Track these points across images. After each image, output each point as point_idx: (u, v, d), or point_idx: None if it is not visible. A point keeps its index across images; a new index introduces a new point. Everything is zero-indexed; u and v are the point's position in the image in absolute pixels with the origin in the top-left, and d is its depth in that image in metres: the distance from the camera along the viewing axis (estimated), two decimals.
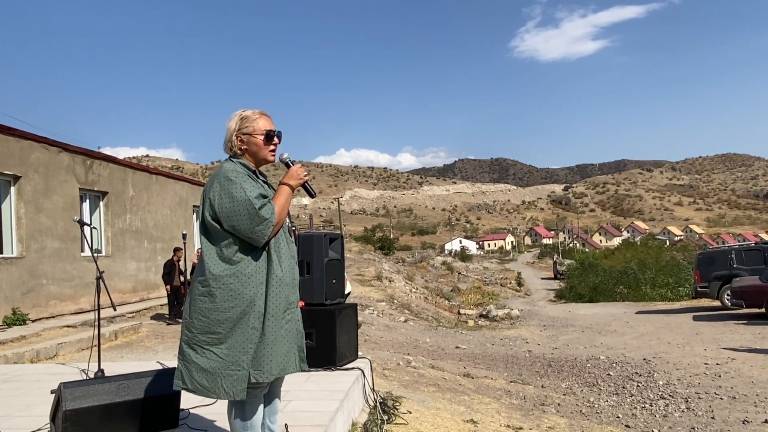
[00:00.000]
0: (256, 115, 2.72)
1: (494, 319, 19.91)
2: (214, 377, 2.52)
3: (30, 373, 5.94)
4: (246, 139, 2.69)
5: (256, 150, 2.70)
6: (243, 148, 2.70)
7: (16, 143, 10.66)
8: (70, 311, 11.47)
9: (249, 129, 2.69)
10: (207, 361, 2.53)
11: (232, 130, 2.70)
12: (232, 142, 2.70)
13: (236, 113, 2.74)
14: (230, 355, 2.52)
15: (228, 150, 2.73)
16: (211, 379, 2.52)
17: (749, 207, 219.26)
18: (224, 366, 2.52)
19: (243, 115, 2.71)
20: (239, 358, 2.52)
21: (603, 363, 10.11)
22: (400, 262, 40.96)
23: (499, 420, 5.66)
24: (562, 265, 51.55)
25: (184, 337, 2.63)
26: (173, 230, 16.10)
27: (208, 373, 2.53)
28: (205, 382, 2.53)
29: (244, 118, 2.70)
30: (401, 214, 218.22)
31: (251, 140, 2.69)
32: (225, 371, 2.52)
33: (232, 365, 2.52)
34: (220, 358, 2.53)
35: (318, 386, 4.49)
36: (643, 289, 26.86)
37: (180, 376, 2.62)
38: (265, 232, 2.53)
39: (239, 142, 2.70)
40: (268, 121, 2.74)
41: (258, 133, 2.69)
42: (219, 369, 2.52)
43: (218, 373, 2.52)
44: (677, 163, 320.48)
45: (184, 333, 2.65)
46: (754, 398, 7.23)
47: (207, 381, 2.53)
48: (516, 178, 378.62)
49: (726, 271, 16.66)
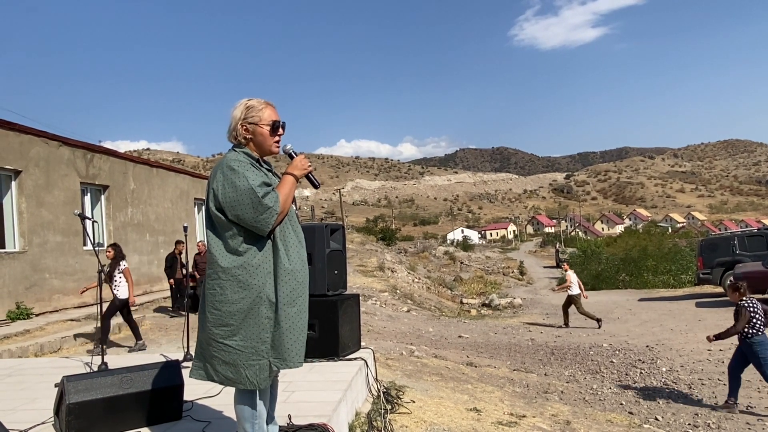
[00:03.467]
0: (262, 104, 2.69)
1: (497, 308, 19.93)
2: (237, 368, 2.55)
3: (34, 366, 5.95)
4: (251, 128, 2.66)
5: (261, 140, 2.68)
6: (248, 137, 2.67)
7: (16, 138, 10.64)
8: (73, 305, 11.49)
9: (255, 119, 2.66)
10: (227, 354, 2.56)
11: (237, 118, 2.67)
12: (237, 130, 2.66)
13: (241, 102, 2.70)
14: (247, 346, 2.54)
15: (232, 139, 2.70)
16: (235, 371, 2.55)
17: (752, 193, 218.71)
18: (245, 357, 2.54)
19: (249, 105, 2.68)
20: (258, 348, 2.54)
21: (606, 350, 10.12)
22: (402, 252, 40.95)
23: (502, 408, 5.66)
24: (565, 253, 51.51)
25: (202, 333, 2.66)
26: (175, 223, 16.10)
27: (230, 365, 2.56)
28: (230, 374, 2.56)
29: (250, 108, 2.67)
30: (403, 205, 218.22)
31: (257, 130, 2.66)
32: (246, 362, 2.54)
33: (253, 355, 2.54)
34: (237, 350, 2.54)
35: (321, 376, 4.49)
36: (646, 276, 26.86)
37: (203, 368, 2.65)
38: (269, 221, 2.52)
39: (244, 131, 2.66)
40: (274, 111, 2.71)
41: (264, 123, 2.66)
42: (240, 360, 2.54)
43: (240, 364, 2.54)
44: (679, 150, 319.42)
45: (200, 328, 2.67)
46: (758, 384, 7.22)
47: (231, 373, 2.56)
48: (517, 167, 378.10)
49: (729, 258, 16.62)
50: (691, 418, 6.20)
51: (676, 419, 6.24)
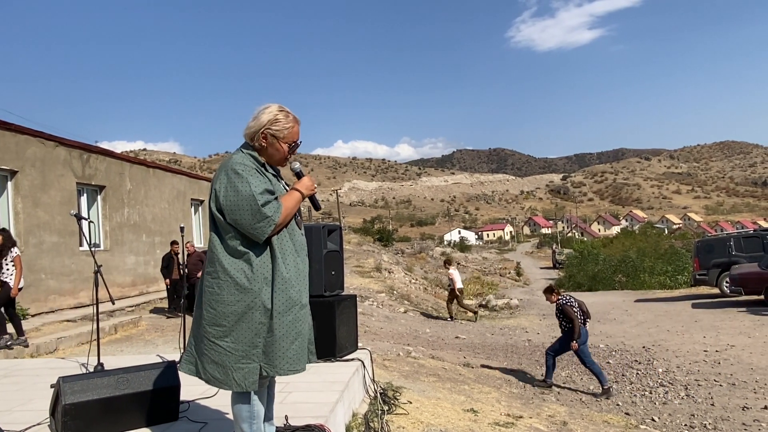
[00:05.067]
0: (291, 121, 2.63)
1: (494, 309, 19.93)
2: (225, 370, 2.54)
3: (30, 367, 5.94)
4: (271, 141, 2.62)
5: (274, 153, 2.65)
6: (264, 145, 2.63)
7: (12, 138, 10.60)
8: (69, 306, 11.45)
9: (279, 133, 2.61)
10: (216, 354, 2.55)
11: (263, 124, 2.60)
12: (257, 135, 2.61)
13: (273, 108, 2.63)
14: (238, 349, 2.53)
15: (248, 138, 2.65)
16: (223, 372, 2.54)
17: (747, 194, 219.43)
18: (234, 360, 2.53)
19: (278, 117, 2.61)
20: (249, 352, 2.53)
21: (602, 351, 10.13)
22: (399, 253, 40.91)
23: (499, 409, 5.67)
24: (561, 254, 51.58)
25: (196, 329, 2.65)
26: (171, 224, 16.07)
27: (219, 365, 2.55)
28: (218, 374, 2.55)
29: (278, 120, 2.61)
30: (400, 206, 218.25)
31: (275, 144, 2.63)
32: (235, 364, 2.53)
33: (243, 359, 2.53)
34: (227, 351, 2.53)
35: (318, 377, 4.49)
36: (642, 277, 26.90)
37: (194, 363, 2.64)
38: (265, 230, 2.51)
39: (262, 139, 2.62)
40: (299, 130, 2.68)
41: (285, 141, 2.63)
42: (229, 362, 2.53)
43: (229, 366, 2.53)
44: (675, 152, 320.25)
45: (195, 324, 2.67)
46: (754, 385, 7.25)
47: (219, 373, 2.55)
48: (514, 168, 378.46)
49: (725, 259, 16.67)
50: (687, 419, 6.22)
51: (672, 420, 6.26)
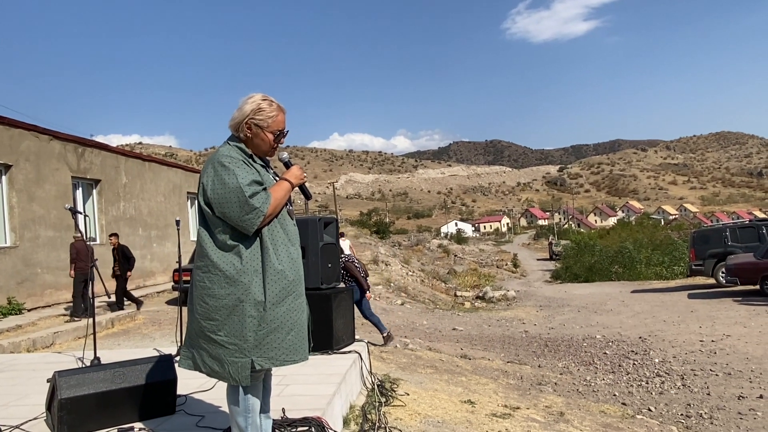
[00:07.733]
0: (275, 110, 2.62)
1: (491, 301, 19.98)
2: (221, 363, 2.55)
3: (26, 362, 5.92)
4: (256, 131, 2.60)
5: (260, 144, 2.63)
6: (249, 135, 2.61)
7: (5, 132, 10.54)
8: (66, 300, 11.43)
9: (263, 123, 2.60)
10: (213, 348, 2.55)
11: (246, 114, 2.58)
12: (241, 126, 2.60)
13: (256, 97, 2.62)
14: (231, 343, 2.53)
15: (233, 130, 2.64)
16: (220, 365, 2.55)
17: (743, 185, 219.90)
18: (228, 353, 2.53)
19: (261, 106, 2.59)
20: (240, 346, 2.52)
21: (599, 342, 10.17)
22: (396, 245, 40.93)
23: (496, 400, 5.68)
24: (558, 245, 51.75)
25: (191, 323, 2.65)
26: (167, 217, 16.04)
27: (215, 359, 2.56)
28: (216, 367, 2.56)
29: (262, 109, 2.59)
30: (397, 198, 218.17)
31: (260, 134, 2.61)
32: (229, 358, 2.53)
33: (236, 352, 2.52)
34: (221, 345, 2.54)
35: (315, 370, 4.48)
36: (638, 268, 26.98)
37: (192, 358, 2.65)
38: (254, 222, 2.49)
39: (247, 129, 2.60)
40: (284, 118, 2.66)
41: (270, 130, 2.61)
42: (224, 355, 2.54)
43: (224, 360, 2.54)
44: (671, 142, 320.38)
45: (190, 318, 2.67)
46: (749, 374, 7.28)
47: (217, 366, 2.56)
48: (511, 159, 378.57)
49: (721, 249, 16.73)
50: (683, 409, 6.25)
51: (668, 410, 6.28)
